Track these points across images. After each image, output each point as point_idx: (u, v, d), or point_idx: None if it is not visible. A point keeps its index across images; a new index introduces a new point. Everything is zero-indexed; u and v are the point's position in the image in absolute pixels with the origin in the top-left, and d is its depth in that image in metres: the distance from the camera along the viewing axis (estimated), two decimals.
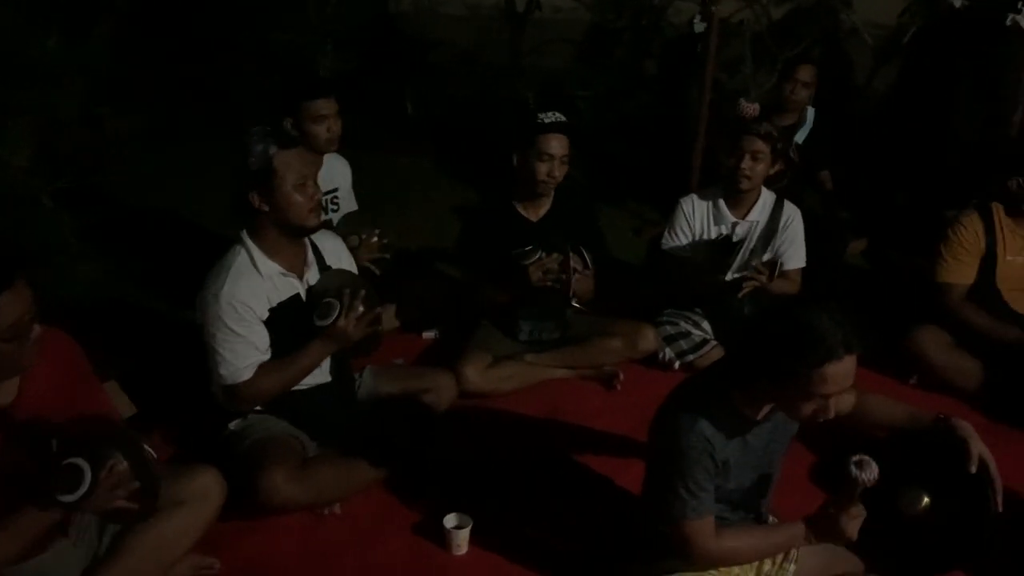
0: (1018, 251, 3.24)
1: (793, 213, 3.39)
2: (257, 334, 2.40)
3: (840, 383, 1.80)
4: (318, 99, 3.19)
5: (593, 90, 6.25)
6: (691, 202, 3.41)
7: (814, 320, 1.79)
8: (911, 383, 3.32)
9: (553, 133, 3.08)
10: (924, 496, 1.98)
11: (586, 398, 3.19)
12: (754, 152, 3.23)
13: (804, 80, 4.24)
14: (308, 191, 2.38)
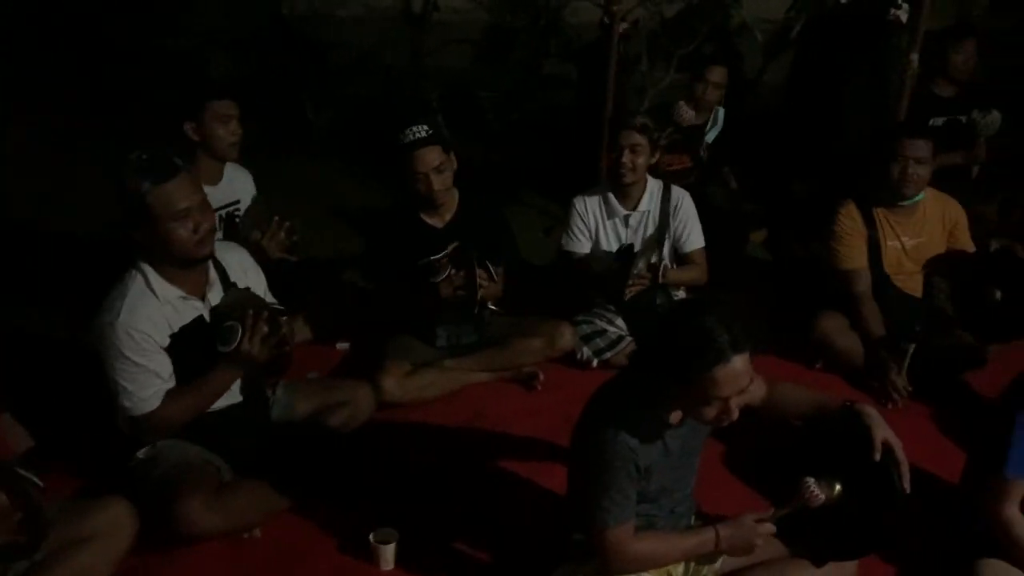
0: (896, 237, 3.39)
1: (681, 196, 3.46)
2: (158, 362, 2.30)
3: (733, 384, 1.83)
4: (224, 99, 3.08)
5: (495, 90, 6.27)
6: (583, 201, 3.46)
7: (701, 324, 1.82)
8: (817, 367, 3.44)
9: (417, 150, 3.04)
10: (836, 484, 2.04)
11: (507, 401, 3.19)
12: (632, 146, 3.29)
13: (715, 81, 4.34)
14: (191, 224, 2.24)
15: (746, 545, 2.05)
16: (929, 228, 3.41)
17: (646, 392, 1.96)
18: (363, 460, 2.71)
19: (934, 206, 3.41)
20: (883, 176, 3.30)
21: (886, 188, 3.32)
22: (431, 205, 3.16)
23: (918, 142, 3.25)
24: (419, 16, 6.64)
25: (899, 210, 3.37)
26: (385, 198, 4.83)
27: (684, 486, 2.20)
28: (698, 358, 1.81)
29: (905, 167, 3.24)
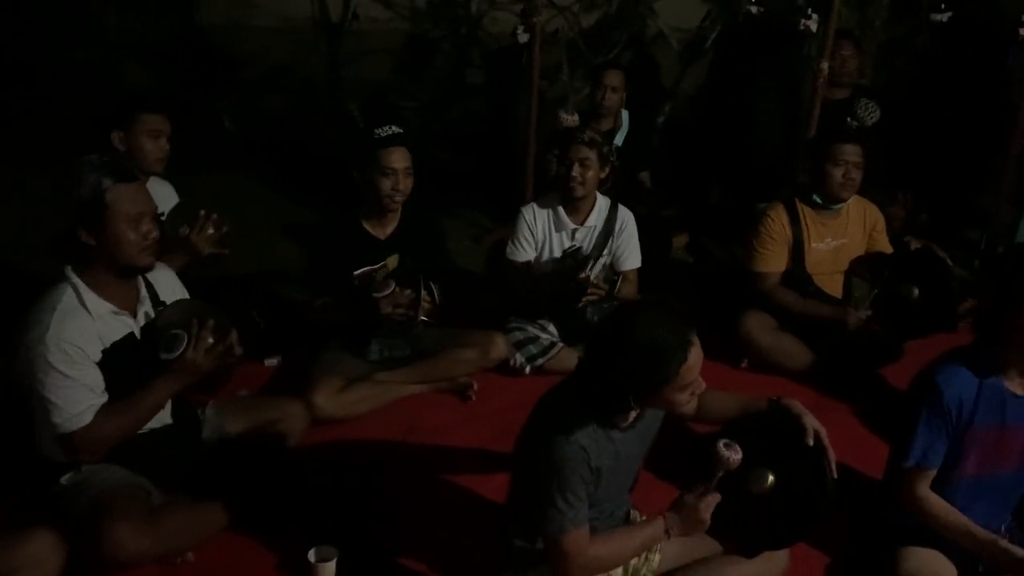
0: (821, 238, 3.52)
1: (627, 217, 3.53)
2: (91, 376, 2.22)
3: (697, 366, 1.94)
4: (157, 113, 3.01)
5: (417, 100, 6.26)
6: (532, 211, 3.48)
7: (654, 335, 1.89)
8: (743, 367, 3.54)
9: (393, 147, 3.04)
10: (768, 474, 2.11)
11: (442, 412, 3.18)
12: (582, 160, 3.33)
13: (613, 85, 4.43)
14: (142, 229, 2.23)
15: (697, 521, 2.07)
16: (852, 230, 3.55)
17: (596, 398, 2.00)
18: (298, 478, 2.66)
19: (856, 209, 3.55)
20: (822, 180, 3.42)
21: (823, 190, 3.44)
22: (380, 211, 3.13)
23: (856, 147, 3.39)
24: (336, 26, 6.58)
25: (825, 213, 3.50)
26: (308, 210, 4.77)
27: (625, 490, 2.25)
28: (663, 368, 1.89)
29: (847, 171, 3.38)
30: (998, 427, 2.20)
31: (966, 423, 2.18)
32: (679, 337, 1.90)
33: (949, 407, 2.16)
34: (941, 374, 2.19)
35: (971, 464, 2.23)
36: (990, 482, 2.27)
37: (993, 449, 2.22)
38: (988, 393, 2.17)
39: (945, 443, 2.20)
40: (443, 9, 6.44)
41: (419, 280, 3.07)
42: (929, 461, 2.21)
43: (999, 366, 2.18)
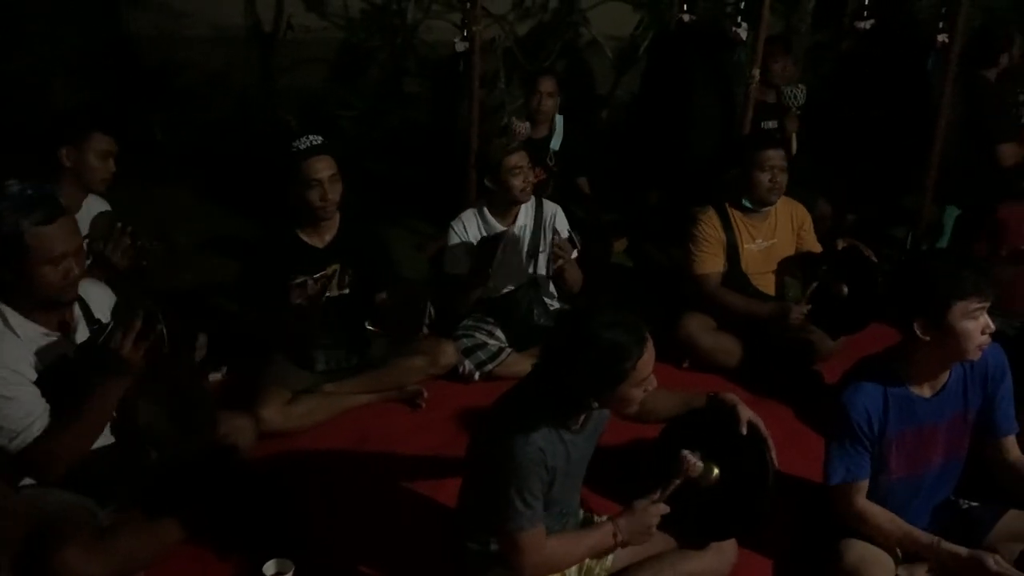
0: (753, 239, 3.63)
1: (554, 209, 3.60)
2: (30, 393, 2.18)
3: (651, 362, 2.02)
4: (109, 134, 2.96)
5: (354, 109, 6.23)
6: (461, 223, 3.51)
7: (611, 335, 1.96)
8: (684, 367, 3.62)
9: (314, 157, 3.03)
10: (714, 468, 2.19)
11: (393, 421, 3.18)
12: (518, 169, 3.39)
13: (548, 91, 4.48)
14: (62, 268, 2.17)
15: (644, 529, 2.14)
16: (780, 230, 3.66)
17: (550, 401, 2.05)
18: (249, 492, 2.63)
19: (783, 209, 3.67)
20: (748, 184, 3.53)
21: (751, 195, 3.55)
22: (314, 221, 3.11)
23: (779, 151, 3.52)
24: (269, 35, 6.51)
25: (754, 215, 3.61)
26: (245, 222, 4.72)
27: (575, 492, 2.29)
28: (622, 366, 1.96)
29: (773, 176, 3.49)
30: (915, 430, 2.29)
31: (879, 433, 2.27)
32: (634, 334, 1.97)
33: (858, 422, 2.24)
34: (844, 393, 2.28)
35: (896, 467, 2.32)
36: (917, 481, 2.36)
37: (915, 451, 2.32)
38: (896, 401, 2.26)
39: (865, 455, 2.28)
40: (378, 18, 6.42)
41: None
42: (854, 476, 2.28)
43: (902, 374, 2.27)
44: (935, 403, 2.29)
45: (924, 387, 2.30)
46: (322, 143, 3.06)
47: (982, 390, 2.32)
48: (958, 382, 2.31)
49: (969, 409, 2.33)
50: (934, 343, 2.17)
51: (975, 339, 2.15)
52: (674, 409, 2.31)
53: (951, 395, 2.30)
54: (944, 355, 2.24)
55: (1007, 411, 2.34)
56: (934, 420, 2.30)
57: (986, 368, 2.29)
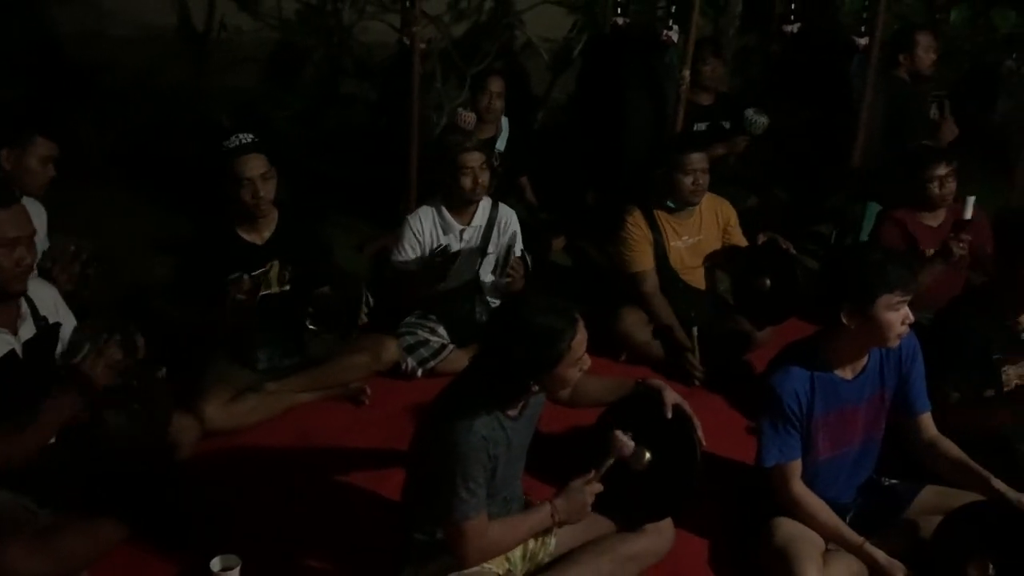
0: (679, 237, 3.75)
1: (508, 213, 3.66)
2: None
3: (584, 341, 2.12)
4: (52, 140, 2.94)
5: (289, 109, 6.19)
6: (418, 218, 3.54)
7: (544, 318, 2.06)
8: (622, 360, 3.72)
9: (244, 155, 3.03)
10: (645, 451, 2.28)
11: (336, 417, 3.19)
12: (480, 165, 3.44)
13: (497, 91, 4.54)
14: (15, 255, 2.17)
15: (580, 507, 2.23)
16: (706, 227, 3.79)
17: (489, 391, 2.12)
18: (194, 490, 2.62)
19: (708, 207, 3.80)
20: (672, 186, 3.64)
21: (675, 196, 3.66)
22: (253, 216, 3.11)
23: (701, 155, 3.64)
24: (201, 35, 6.43)
25: (679, 213, 3.73)
26: (180, 222, 4.65)
27: (516, 477, 2.36)
28: (557, 346, 2.05)
29: (696, 179, 3.61)
30: (838, 411, 2.44)
31: (807, 414, 2.40)
32: (566, 317, 2.07)
33: (788, 404, 2.37)
34: (774, 376, 2.41)
35: (823, 448, 2.46)
36: (842, 459, 2.51)
37: (839, 431, 2.46)
38: (821, 384, 2.40)
39: (797, 436, 2.41)
40: (313, 19, 6.39)
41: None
42: (787, 457, 2.41)
43: (826, 358, 2.41)
44: (856, 385, 2.44)
45: (846, 370, 2.43)
46: (252, 141, 3.06)
47: (897, 372, 2.48)
48: (875, 365, 2.46)
49: (886, 390, 2.48)
50: (858, 330, 2.32)
51: (896, 328, 2.31)
52: (604, 392, 2.41)
53: (870, 377, 2.45)
54: (866, 341, 2.38)
55: (920, 390, 2.50)
56: (855, 401, 2.44)
57: (900, 351, 2.45)
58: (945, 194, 3.77)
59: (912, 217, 3.83)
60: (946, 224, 3.83)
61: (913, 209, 3.83)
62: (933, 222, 3.85)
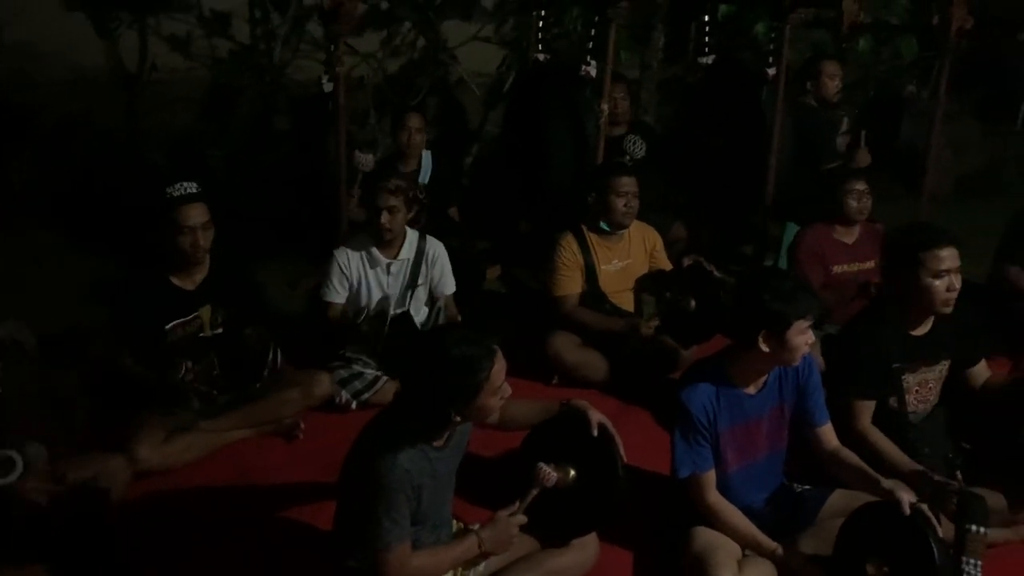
0: (609, 261, 3.90)
1: (436, 245, 3.76)
2: None
3: (503, 371, 2.19)
4: None
5: (223, 148, 6.23)
6: (345, 254, 3.62)
7: (462, 348, 2.14)
8: (554, 383, 3.82)
9: (187, 204, 3.08)
10: (570, 470, 2.39)
11: (271, 453, 3.23)
12: (390, 207, 3.53)
13: (415, 127, 4.67)
14: None
15: (505, 538, 2.32)
16: (634, 252, 3.95)
17: (415, 422, 2.20)
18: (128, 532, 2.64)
19: (636, 233, 3.97)
20: (605, 208, 3.79)
21: (608, 218, 3.81)
22: (186, 265, 3.16)
23: (631, 178, 3.81)
24: (134, 76, 6.44)
25: (610, 237, 3.88)
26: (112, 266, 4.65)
27: (445, 503, 2.43)
28: (476, 376, 2.13)
29: (627, 201, 3.78)
30: (743, 425, 2.59)
31: (714, 428, 2.55)
32: (483, 346, 2.16)
33: (698, 417, 2.52)
34: (683, 391, 2.56)
35: (731, 461, 2.61)
36: (749, 471, 2.66)
37: (745, 443, 2.62)
38: (726, 398, 2.56)
39: (708, 447, 2.55)
40: (246, 58, 6.46)
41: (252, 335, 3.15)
42: (700, 468, 2.55)
43: (731, 374, 2.57)
44: (758, 399, 2.59)
45: (750, 386, 2.59)
46: (196, 191, 3.11)
47: (795, 386, 2.65)
48: (775, 380, 2.63)
49: (785, 403, 2.65)
50: (771, 353, 2.49)
51: (802, 350, 2.52)
52: (531, 415, 2.51)
53: (771, 392, 2.62)
54: (775, 361, 2.55)
55: (818, 402, 2.67)
56: (758, 415, 2.60)
57: (796, 365, 2.60)
58: (861, 208, 4.03)
59: (828, 233, 4.05)
60: (861, 241, 4.08)
61: (830, 225, 4.06)
62: (848, 239, 4.10)
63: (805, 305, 2.48)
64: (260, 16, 6.31)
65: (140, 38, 6.29)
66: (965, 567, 2.36)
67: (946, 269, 2.78)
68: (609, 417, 2.52)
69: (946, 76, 4.95)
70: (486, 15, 6.51)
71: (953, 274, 2.80)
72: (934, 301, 2.81)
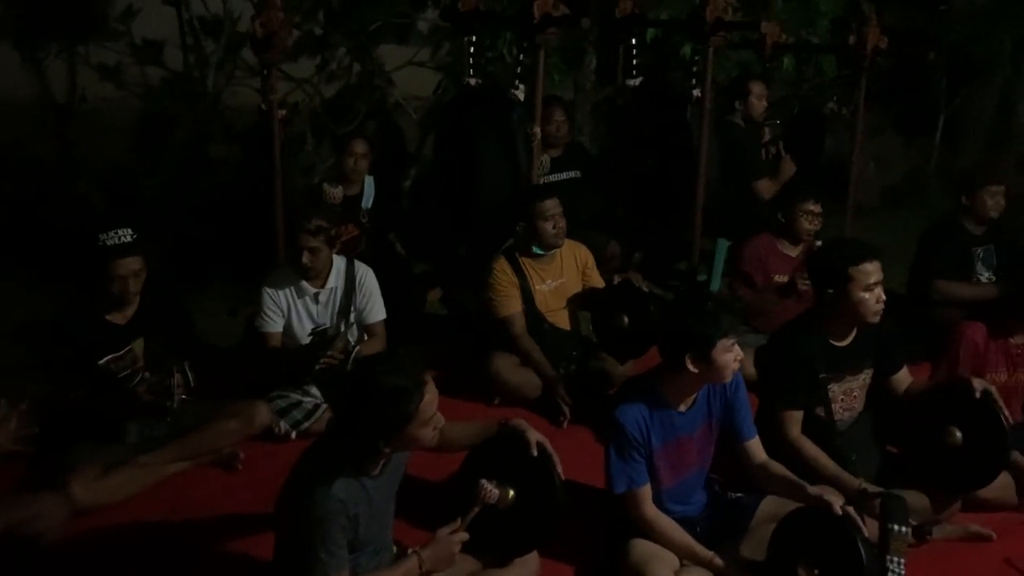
0: (543, 281, 3.97)
1: (365, 271, 3.75)
2: None
3: (434, 402, 2.21)
4: None
5: (157, 178, 6.17)
6: (273, 284, 3.62)
7: (391, 380, 2.15)
8: (495, 403, 3.86)
9: (122, 257, 3.07)
10: (510, 490, 2.43)
11: (210, 485, 3.20)
12: (311, 248, 3.53)
13: (360, 152, 4.70)
14: None
15: (447, 556, 2.34)
16: (567, 271, 4.03)
17: (348, 452, 2.21)
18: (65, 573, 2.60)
19: (568, 252, 4.04)
20: (535, 233, 3.86)
21: (539, 242, 3.87)
22: (117, 305, 3.15)
23: (555, 200, 3.88)
24: (64, 106, 6.36)
25: (542, 259, 3.95)
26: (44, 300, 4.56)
27: (385, 528, 2.45)
28: (405, 407, 2.15)
29: (555, 223, 3.85)
30: (675, 442, 2.67)
31: (648, 444, 2.62)
32: (414, 378, 2.17)
33: (632, 434, 2.59)
34: (617, 409, 2.63)
35: (665, 477, 2.68)
36: (681, 486, 2.74)
37: (677, 460, 2.70)
38: (658, 416, 2.63)
39: (642, 462, 2.62)
40: (179, 86, 6.42)
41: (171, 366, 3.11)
42: (636, 483, 2.61)
43: (664, 393, 2.65)
44: (688, 417, 2.68)
45: (681, 404, 2.67)
46: (131, 241, 3.08)
47: (723, 402, 2.74)
48: (704, 397, 2.71)
49: (713, 419, 2.74)
50: (699, 372, 2.57)
51: (730, 367, 2.60)
52: (470, 436, 2.55)
53: (700, 409, 2.70)
54: (704, 379, 2.64)
55: (746, 418, 2.77)
56: (689, 432, 2.68)
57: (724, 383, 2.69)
58: (811, 229, 4.23)
59: (773, 244, 4.22)
60: (802, 256, 4.26)
61: (776, 237, 4.22)
62: (792, 252, 4.31)
63: (727, 324, 2.57)
64: (192, 43, 6.29)
65: (69, 67, 6.22)
66: (890, 565, 2.47)
67: (875, 282, 2.92)
68: (548, 435, 2.57)
69: (863, 93, 5.17)
70: (422, 39, 6.59)
71: (879, 286, 2.93)
72: (866, 313, 2.94)
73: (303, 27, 6.26)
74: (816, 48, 5.99)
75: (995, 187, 4.31)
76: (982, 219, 4.31)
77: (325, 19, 6.33)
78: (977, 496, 3.07)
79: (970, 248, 4.32)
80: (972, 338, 3.29)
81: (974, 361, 3.27)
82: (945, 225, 4.42)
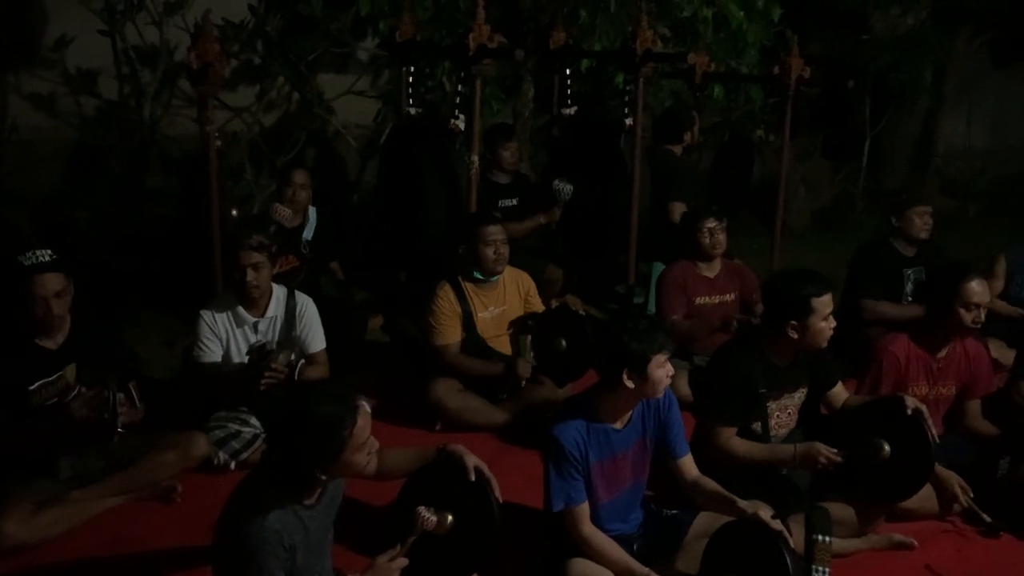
0: (485, 308, 4.03)
1: (305, 301, 3.73)
2: None
3: (367, 428, 2.23)
4: None
5: (92, 209, 6.06)
6: (210, 314, 3.58)
7: (323, 408, 2.16)
8: (437, 429, 3.89)
9: (39, 274, 3.02)
10: (448, 515, 2.46)
11: (148, 518, 3.16)
12: (254, 264, 3.51)
13: (301, 183, 4.70)
14: None
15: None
16: (509, 298, 4.10)
17: (283, 481, 2.22)
18: None
19: (510, 279, 4.11)
20: (476, 258, 3.91)
21: (480, 267, 3.93)
22: (44, 329, 3.10)
23: (498, 227, 3.95)
24: None
25: (484, 285, 4.01)
26: None
27: (323, 558, 2.45)
28: (337, 436, 2.15)
29: (496, 248, 3.91)
30: (611, 459, 2.74)
31: (586, 462, 2.68)
32: (346, 404, 2.19)
33: (571, 452, 2.65)
34: (556, 428, 2.69)
35: (601, 494, 2.74)
36: (617, 501, 2.80)
37: (612, 476, 2.76)
38: (596, 434, 2.70)
39: (580, 481, 2.68)
40: (114, 116, 6.34)
41: (107, 381, 3.06)
42: (574, 501, 2.67)
43: (600, 411, 2.72)
44: (624, 433, 2.75)
45: (617, 421, 2.74)
46: (50, 259, 3.05)
47: (656, 418, 2.82)
48: (639, 414, 2.79)
49: (647, 436, 2.82)
50: (636, 388, 2.65)
51: (664, 382, 2.69)
52: (409, 462, 2.57)
53: (635, 426, 2.78)
54: (639, 395, 2.71)
55: (678, 435, 2.85)
56: (624, 448, 2.76)
57: (658, 400, 2.78)
58: (715, 244, 4.35)
59: (691, 268, 4.34)
60: (721, 276, 4.38)
61: (693, 261, 4.34)
62: (710, 273, 4.43)
63: (661, 341, 2.66)
64: (128, 73, 6.23)
65: (0, 97, 6.10)
66: (815, 575, 2.56)
67: (830, 311, 3.07)
68: (489, 458, 2.62)
69: (789, 119, 5.37)
70: (361, 68, 6.62)
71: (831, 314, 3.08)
72: (822, 341, 3.10)
73: (241, 56, 6.25)
74: (743, 78, 6.20)
75: (923, 207, 4.51)
76: (912, 239, 4.49)
77: (264, 48, 6.32)
78: (901, 506, 3.19)
79: (902, 269, 4.50)
80: (894, 353, 3.43)
81: (896, 375, 3.41)
82: (877, 246, 4.59)
